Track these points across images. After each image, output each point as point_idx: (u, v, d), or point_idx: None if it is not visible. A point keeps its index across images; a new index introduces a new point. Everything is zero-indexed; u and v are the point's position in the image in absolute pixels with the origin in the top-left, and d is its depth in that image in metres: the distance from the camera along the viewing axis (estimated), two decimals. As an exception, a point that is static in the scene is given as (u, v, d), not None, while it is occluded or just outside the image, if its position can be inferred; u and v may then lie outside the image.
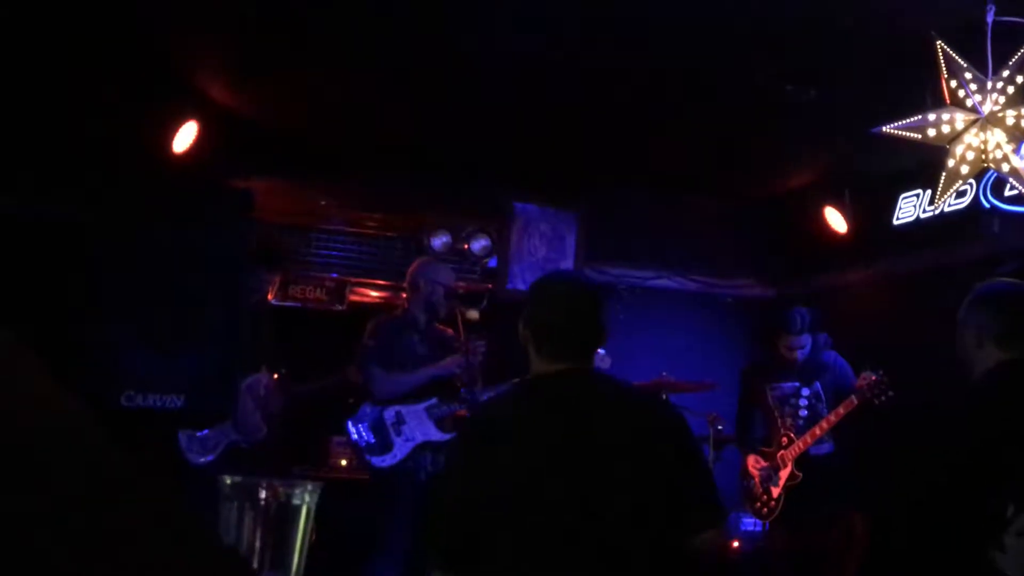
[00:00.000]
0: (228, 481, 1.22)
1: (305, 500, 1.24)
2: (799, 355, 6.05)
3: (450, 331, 5.62)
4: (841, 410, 5.79)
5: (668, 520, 2.66)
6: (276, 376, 5.51)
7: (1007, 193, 5.85)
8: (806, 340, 6.04)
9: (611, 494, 2.62)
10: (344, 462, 6.76)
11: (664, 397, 5.87)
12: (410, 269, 5.78)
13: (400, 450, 5.39)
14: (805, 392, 6.07)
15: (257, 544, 1.22)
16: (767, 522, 6.14)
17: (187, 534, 0.89)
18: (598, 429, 2.71)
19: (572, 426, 2.70)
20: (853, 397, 5.73)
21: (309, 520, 1.25)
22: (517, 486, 2.63)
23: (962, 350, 3.19)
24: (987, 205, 6.04)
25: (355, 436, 5.39)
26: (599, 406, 2.79)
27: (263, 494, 1.21)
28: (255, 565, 1.22)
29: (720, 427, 6.72)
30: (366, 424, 5.39)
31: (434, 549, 2.71)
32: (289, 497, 1.23)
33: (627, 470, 2.65)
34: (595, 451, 2.66)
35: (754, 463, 6.21)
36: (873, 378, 5.66)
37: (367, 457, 5.36)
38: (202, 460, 5.05)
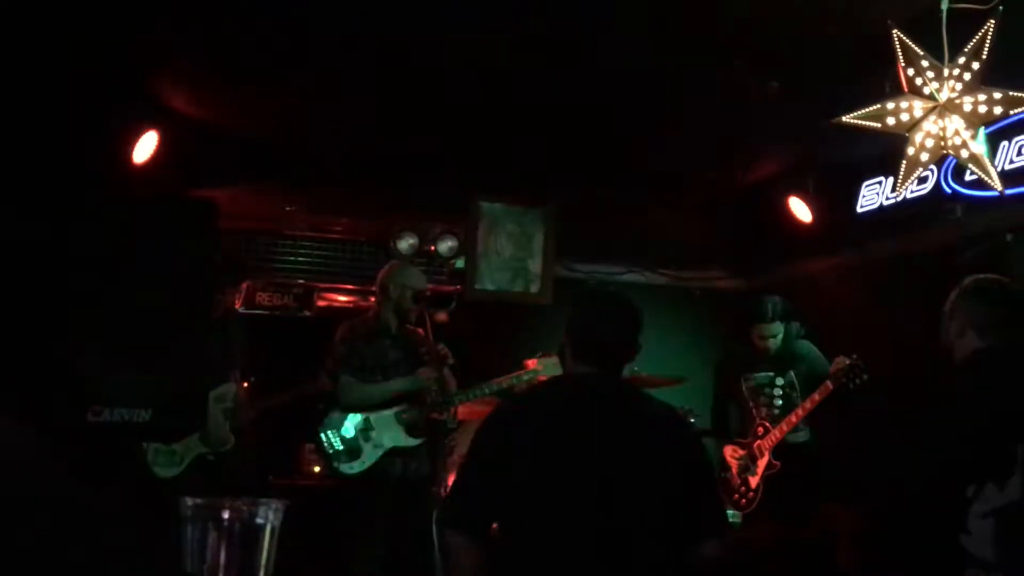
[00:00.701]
0: (189, 503, 1.20)
1: (269, 519, 1.23)
2: (771, 344, 6.06)
3: (420, 331, 5.57)
4: (817, 396, 5.79)
5: (673, 525, 2.82)
6: (246, 385, 5.47)
7: (968, 178, 5.89)
8: (779, 329, 6.06)
9: (620, 493, 2.79)
10: (318, 469, 6.72)
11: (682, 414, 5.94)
12: (380, 273, 5.74)
13: (369, 457, 5.34)
14: (779, 382, 6.09)
15: (222, 565, 1.21)
16: (746, 513, 6.14)
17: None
18: (616, 431, 2.91)
19: (591, 424, 2.92)
20: (828, 382, 5.74)
21: (274, 539, 1.24)
22: (532, 471, 2.82)
23: (946, 338, 3.42)
24: (949, 191, 6.07)
25: (324, 444, 5.34)
26: (620, 410, 3.00)
27: (226, 515, 1.20)
28: (221, 586, 1.20)
29: (693, 420, 6.73)
30: (334, 431, 5.34)
31: (451, 512, 2.98)
32: (253, 516, 1.22)
33: (638, 472, 2.83)
34: (610, 451, 2.85)
35: (731, 453, 6.23)
36: (847, 362, 5.67)
37: (335, 465, 5.32)
38: (169, 473, 5.01)
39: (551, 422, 2.93)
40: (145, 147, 6.00)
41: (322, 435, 5.33)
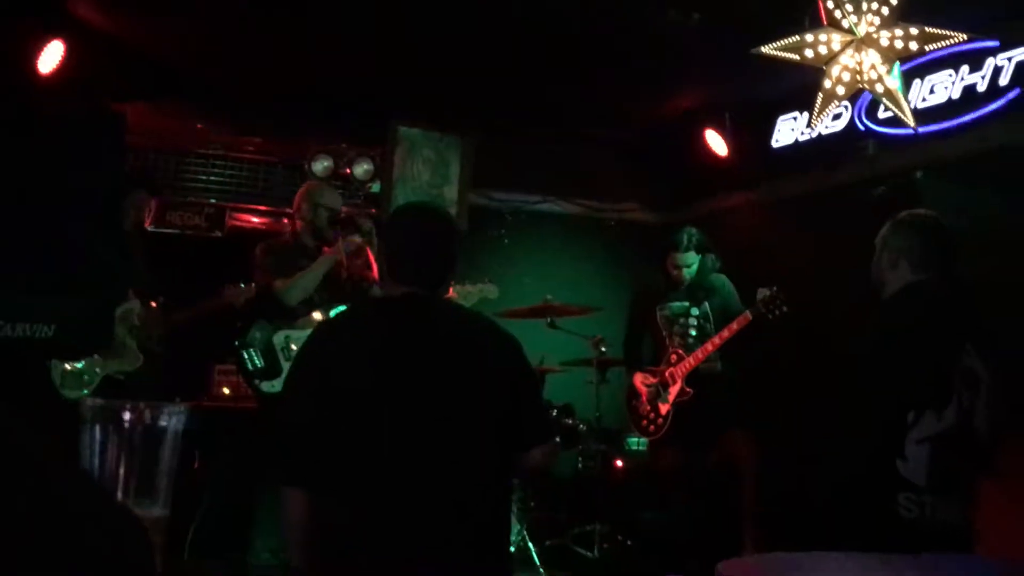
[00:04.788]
0: (89, 403, 1.17)
1: (171, 423, 1.20)
2: (685, 274, 6.09)
3: (344, 257, 5.47)
4: (735, 325, 5.81)
5: (499, 437, 2.80)
6: (153, 304, 5.37)
7: (881, 116, 5.97)
8: (693, 259, 6.08)
9: (444, 412, 2.75)
10: (227, 391, 6.65)
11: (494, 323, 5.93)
12: (298, 193, 5.65)
13: None
14: (694, 312, 6.10)
15: (122, 471, 1.18)
16: (653, 440, 6.21)
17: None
18: (434, 349, 2.86)
19: (409, 345, 2.85)
20: (748, 312, 5.77)
21: (177, 443, 1.21)
22: (353, 402, 2.74)
23: (877, 270, 3.46)
24: (862, 128, 6.16)
25: (245, 360, 5.26)
26: (436, 328, 2.93)
27: (127, 416, 1.16)
28: (119, 494, 1.17)
29: (604, 349, 6.79)
30: (255, 349, 5.27)
31: (279, 465, 2.81)
32: (155, 419, 1.19)
33: (460, 389, 2.80)
34: (429, 370, 2.80)
35: (642, 380, 6.26)
36: (768, 293, 5.73)
37: (255, 382, 5.25)
38: (77, 395, 4.91)
39: (368, 347, 2.85)
40: (51, 57, 5.79)
41: (244, 353, 5.24)
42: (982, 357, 3.10)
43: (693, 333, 6.07)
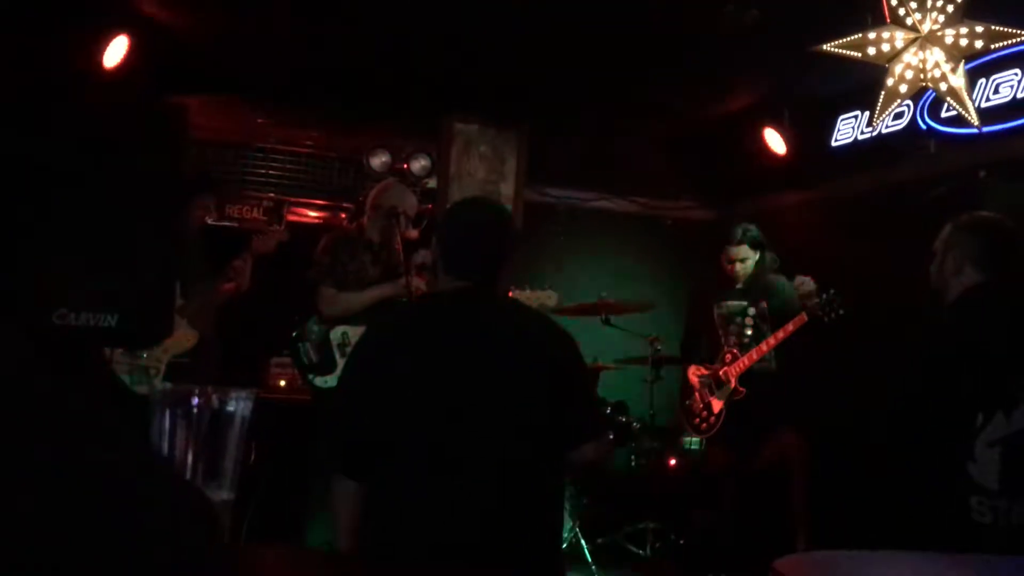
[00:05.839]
0: (159, 387, 1.19)
1: (240, 408, 1.22)
2: (739, 269, 6.04)
3: (399, 246, 5.48)
4: (790, 326, 5.78)
5: (550, 432, 2.80)
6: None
7: (944, 115, 5.89)
8: (746, 253, 6.04)
9: (496, 406, 2.76)
10: (283, 383, 6.72)
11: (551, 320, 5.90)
12: (375, 189, 5.67)
13: None
14: (751, 312, 6.07)
15: (190, 454, 1.20)
16: (705, 439, 6.19)
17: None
18: (486, 344, 2.86)
19: (461, 340, 2.86)
20: (804, 313, 5.73)
21: (244, 428, 1.23)
22: (405, 396, 2.75)
23: (939, 275, 3.40)
24: (924, 127, 6.09)
25: (300, 354, 5.31)
26: (488, 322, 2.94)
27: (195, 401, 1.18)
28: (188, 476, 1.19)
29: (659, 347, 6.78)
30: (311, 343, 5.30)
31: (333, 455, 2.85)
32: (223, 404, 1.21)
33: (511, 383, 2.79)
34: (481, 364, 2.81)
35: (695, 373, 6.25)
36: (814, 287, 5.69)
37: (309, 376, 5.30)
38: (147, 387, 4.98)
39: (421, 341, 2.86)
40: (116, 51, 5.89)
41: (299, 346, 5.29)
42: None
43: (749, 332, 6.03)
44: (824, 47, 4.50)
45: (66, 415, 0.82)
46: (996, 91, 5.60)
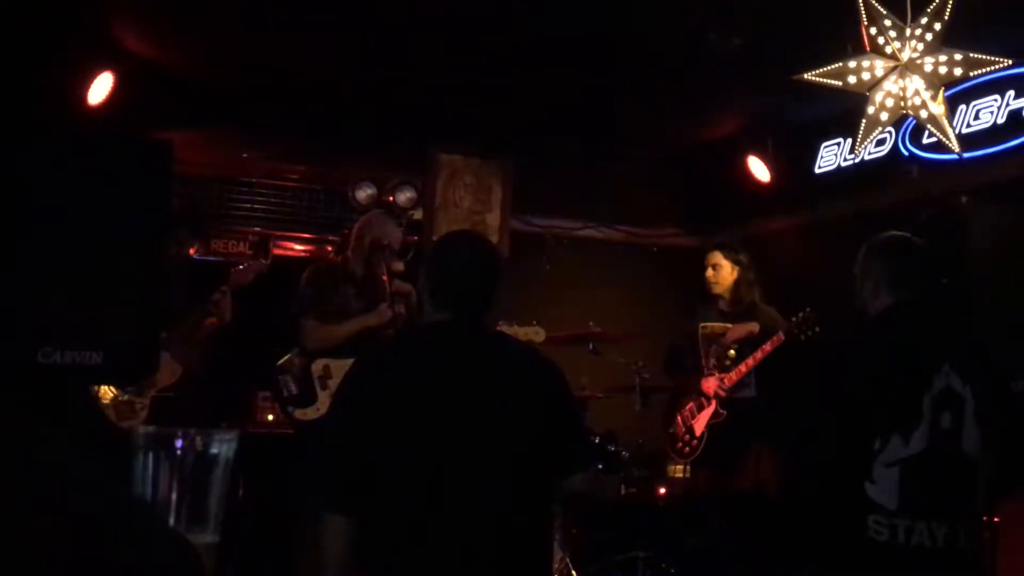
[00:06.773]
0: (142, 431, 1.18)
1: (223, 451, 1.21)
2: (711, 274, 6.12)
3: (384, 277, 5.46)
4: (768, 346, 5.83)
5: (540, 463, 2.80)
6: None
7: (925, 141, 5.93)
8: (719, 259, 6.14)
9: (485, 439, 2.76)
10: (271, 417, 6.69)
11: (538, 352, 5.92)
12: (360, 221, 5.65)
13: (324, 404, 5.26)
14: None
15: (174, 497, 1.19)
16: (689, 463, 6.21)
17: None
18: (474, 376, 2.86)
19: (450, 373, 2.85)
20: (780, 332, 5.77)
21: (227, 471, 1.22)
22: (396, 430, 2.74)
23: (861, 300, 3.44)
24: (906, 153, 6.13)
25: (280, 386, 5.27)
26: (477, 355, 2.94)
27: (179, 443, 1.18)
28: (172, 519, 1.18)
29: (646, 376, 6.78)
30: (292, 375, 5.27)
31: (324, 491, 2.81)
32: (207, 446, 1.20)
33: (501, 416, 2.79)
34: (470, 397, 2.80)
35: (676, 402, 6.30)
36: (800, 314, 5.72)
37: (288, 408, 5.25)
38: (131, 422, 4.97)
39: (410, 375, 2.85)
40: (100, 88, 5.90)
41: (280, 378, 5.26)
42: (963, 377, 3.06)
43: (731, 353, 6.06)
44: (805, 76, 4.53)
45: (49, 471, 0.82)
46: (977, 117, 5.64)
